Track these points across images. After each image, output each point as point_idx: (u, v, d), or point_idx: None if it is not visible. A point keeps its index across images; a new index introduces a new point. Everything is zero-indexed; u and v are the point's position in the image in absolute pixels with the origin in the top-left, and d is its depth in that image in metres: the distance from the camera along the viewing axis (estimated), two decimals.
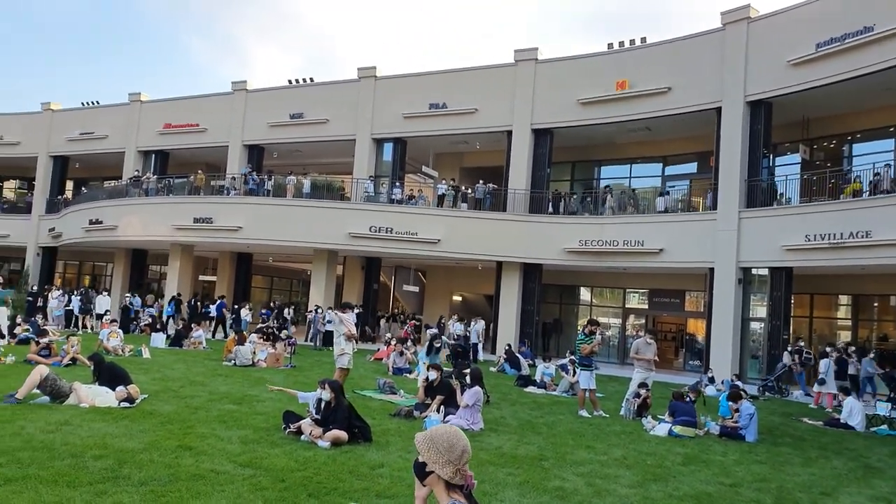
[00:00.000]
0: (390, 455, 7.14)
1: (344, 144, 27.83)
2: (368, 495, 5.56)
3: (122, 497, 4.94)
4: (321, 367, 15.70)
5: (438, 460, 2.59)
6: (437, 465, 2.59)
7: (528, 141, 24.51)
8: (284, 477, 5.87)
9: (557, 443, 8.73)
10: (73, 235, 30.50)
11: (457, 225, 24.03)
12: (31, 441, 6.42)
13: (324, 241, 24.91)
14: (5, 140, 36.14)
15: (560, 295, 28.59)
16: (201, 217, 25.79)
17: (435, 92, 26.07)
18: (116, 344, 16.10)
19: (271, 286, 39.74)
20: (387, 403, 11.03)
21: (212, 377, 12.82)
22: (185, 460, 6.18)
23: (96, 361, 10.01)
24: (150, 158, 32.65)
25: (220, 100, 30.72)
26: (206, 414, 8.75)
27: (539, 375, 15.56)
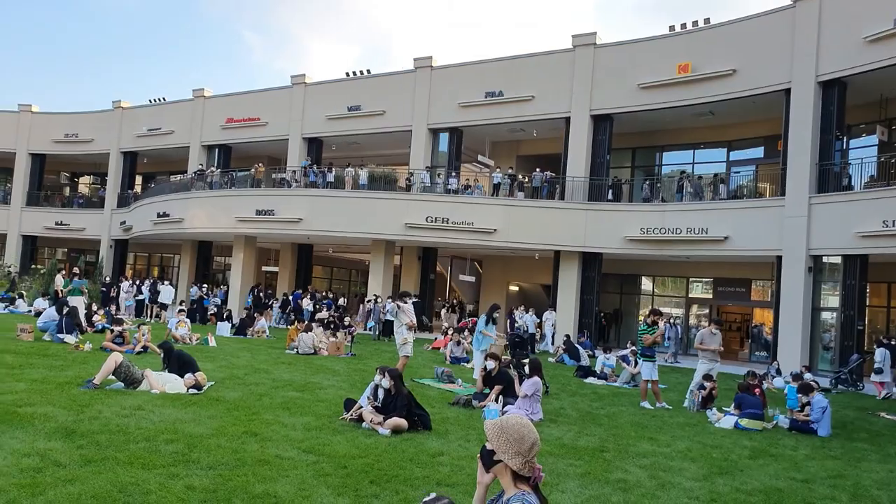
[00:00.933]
0: (450, 443, 7.16)
1: (400, 135, 27.99)
2: (429, 483, 5.58)
3: (193, 480, 5.11)
4: (380, 356, 15.89)
5: (508, 450, 2.58)
6: (505, 455, 2.58)
7: (587, 127, 24.09)
8: (346, 463, 5.96)
9: (619, 434, 8.59)
10: (143, 228, 31.72)
11: (513, 214, 23.85)
12: (108, 424, 6.71)
13: (381, 232, 25.15)
14: (80, 137, 37.86)
15: (620, 284, 28.11)
16: (263, 209, 26.41)
17: (491, 80, 25.90)
18: (184, 333, 16.67)
19: (331, 276, 40.43)
20: (445, 392, 11.08)
21: (275, 365, 13.14)
22: (250, 446, 6.34)
23: (166, 349, 10.38)
24: (213, 152, 33.63)
25: (279, 94, 31.32)
26: (270, 401, 8.97)
27: (599, 366, 15.35)
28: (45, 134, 38.42)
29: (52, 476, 4.92)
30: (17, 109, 38.98)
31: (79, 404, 7.58)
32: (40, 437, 6.00)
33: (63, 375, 9.61)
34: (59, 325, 14.56)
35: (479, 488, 2.77)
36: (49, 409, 7.22)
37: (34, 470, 5.04)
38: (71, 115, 38.99)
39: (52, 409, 7.19)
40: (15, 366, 10.19)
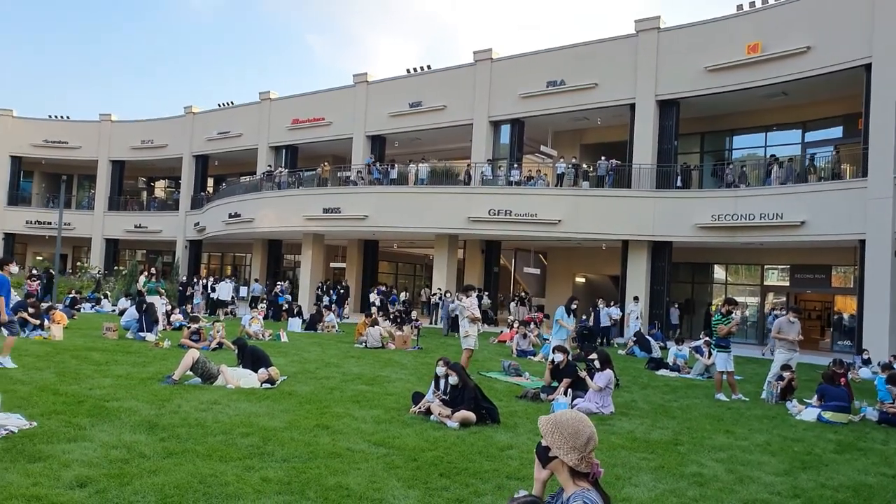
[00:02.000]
0: (519, 437, 7.11)
1: (461, 129, 27.99)
2: (499, 476, 5.55)
3: (268, 472, 5.24)
4: (446, 349, 15.94)
5: (563, 446, 2.51)
6: (561, 450, 2.51)
7: (653, 113, 23.48)
8: (416, 456, 6.00)
9: (693, 427, 8.34)
10: (216, 229, 32.85)
11: (578, 204, 23.49)
12: (186, 418, 6.97)
13: (444, 226, 25.23)
14: (155, 143, 39.56)
15: (692, 273, 27.33)
16: (330, 207, 26.92)
17: (552, 69, 25.56)
18: (257, 329, 17.18)
19: (396, 271, 40.88)
20: (513, 385, 11.02)
21: (345, 359, 13.37)
22: (322, 439, 6.46)
23: (240, 345, 10.70)
24: (280, 153, 34.51)
25: (342, 93, 31.82)
26: (341, 394, 9.12)
27: (672, 358, 14.93)
28: (124, 141, 40.32)
29: (138, 467, 5.14)
30: (99, 119, 41.02)
31: (160, 399, 7.91)
32: (126, 430, 6.28)
33: (145, 371, 10.05)
34: (140, 324, 15.25)
35: (537, 484, 2.72)
36: (133, 403, 7.56)
37: (121, 461, 5.28)
38: (146, 122, 40.77)
39: (136, 404, 7.53)
40: (101, 362, 10.73)
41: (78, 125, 41.33)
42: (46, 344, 12.73)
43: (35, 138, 40.39)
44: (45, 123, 41.29)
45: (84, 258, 41.81)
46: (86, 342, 13.44)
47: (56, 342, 13.07)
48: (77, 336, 14.39)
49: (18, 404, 6.93)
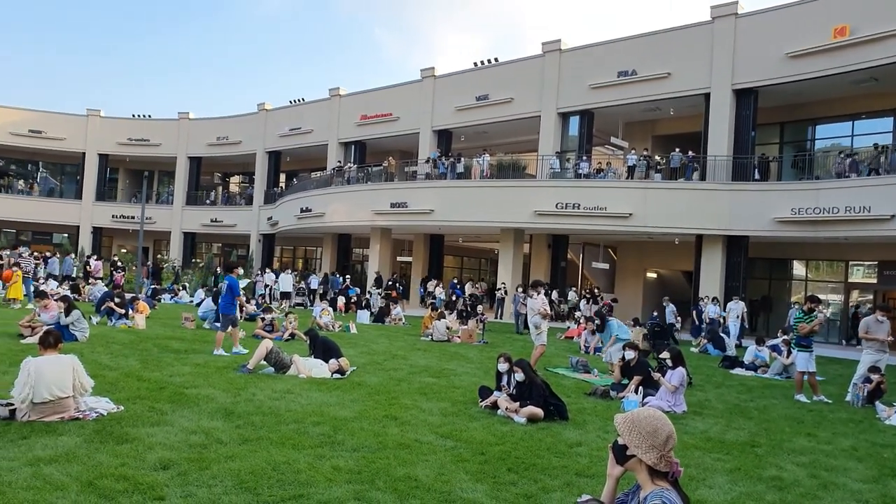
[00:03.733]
0: (588, 434, 7.00)
1: (529, 122, 27.73)
2: (567, 473, 5.48)
3: (339, 461, 5.34)
4: (512, 344, 15.87)
5: (641, 445, 2.45)
6: (639, 449, 2.46)
7: (729, 103, 22.62)
8: (484, 450, 5.99)
9: (771, 429, 8.01)
10: (288, 223, 33.72)
11: (650, 197, 22.88)
12: (261, 407, 7.19)
13: (510, 220, 25.06)
14: (230, 140, 40.91)
15: (769, 269, 26.26)
16: (397, 202, 27.18)
17: (623, 59, 24.97)
18: (328, 320, 17.57)
19: (461, 265, 40.95)
20: (581, 382, 10.86)
21: (411, 351, 13.51)
22: (391, 429, 6.54)
23: (311, 336, 10.95)
24: (349, 149, 35.08)
25: (410, 88, 32.04)
26: (408, 386, 9.22)
27: (750, 357, 14.36)
28: (201, 138, 41.87)
29: (216, 452, 5.33)
30: (177, 117, 42.74)
31: (235, 387, 8.18)
32: (204, 417, 6.53)
33: (221, 360, 10.42)
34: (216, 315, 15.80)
35: (609, 481, 2.67)
36: (210, 391, 7.85)
37: (200, 446, 5.49)
38: (221, 119, 42.18)
39: (213, 392, 7.81)
40: (181, 351, 11.19)
41: (158, 123, 43.19)
42: (131, 332, 13.38)
43: (120, 137, 42.45)
44: (128, 122, 43.32)
45: (164, 251, 43.70)
46: (166, 331, 14.05)
47: (139, 331, 13.72)
48: (158, 325, 15.07)
49: (107, 389, 7.31)
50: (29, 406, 5.84)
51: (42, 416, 5.85)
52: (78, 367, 6.18)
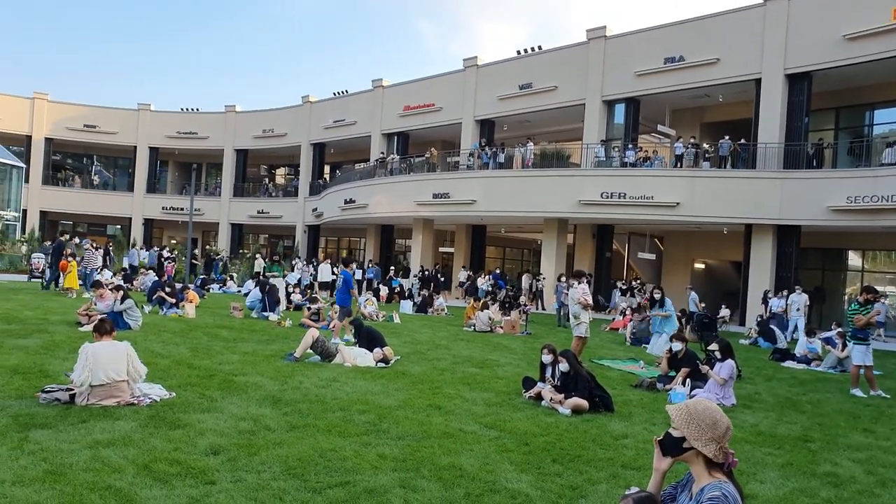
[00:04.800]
0: (634, 426, 6.91)
1: (573, 110, 27.40)
2: (613, 465, 5.42)
3: (384, 449, 5.39)
4: (555, 335, 15.76)
5: (701, 437, 2.41)
6: (699, 441, 2.41)
7: (781, 88, 21.92)
8: (528, 441, 5.96)
9: (825, 423, 7.77)
10: (332, 214, 34.11)
11: (698, 186, 22.37)
12: (307, 394, 7.30)
13: (554, 210, 24.83)
14: (275, 132, 41.54)
15: (822, 260, 25.46)
16: (439, 193, 27.21)
17: (670, 45, 24.42)
18: (372, 310, 17.74)
19: (503, 256, 40.80)
20: (627, 374, 10.72)
21: (454, 341, 13.53)
22: (435, 419, 6.57)
23: (356, 326, 11.08)
24: (392, 140, 35.25)
25: (452, 78, 31.97)
26: (452, 376, 9.24)
27: (802, 350, 13.95)
28: (247, 131, 42.62)
29: (264, 439, 5.44)
30: (224, 110, 43.58)
31: (283, 375, 8.32)
32: (253, 404, 6.67)
33: (269, 349, 10.62)
34: (263, 304, 16.13)
35: (656, 475, 2.63)
36: (258, 378, 8.01)
37: (249, 433, 5.61)
38: (267, 112, 42.85)
39: (261, 379, 7.97)
40: (229, 340, 11.44)
41: (206, 116, 44.11)
42: (181, 321, 13.73)
43: (169, 130, 43.53)
44: (177, 116, 44.37)
45: (212, 242, 44.71)
46: (215, 320, 14.38)
47: (189, 320, 14.07)
48: (207, 315, 15.43)
49: (160, 376, 7.52)
50: (87, 389, 6.06)
51: (99, 399, 6.06)
52: (132, 354, 6.39)
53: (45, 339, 9.79)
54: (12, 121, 41.26)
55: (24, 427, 5.29)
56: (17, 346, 9.03)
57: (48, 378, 7.13)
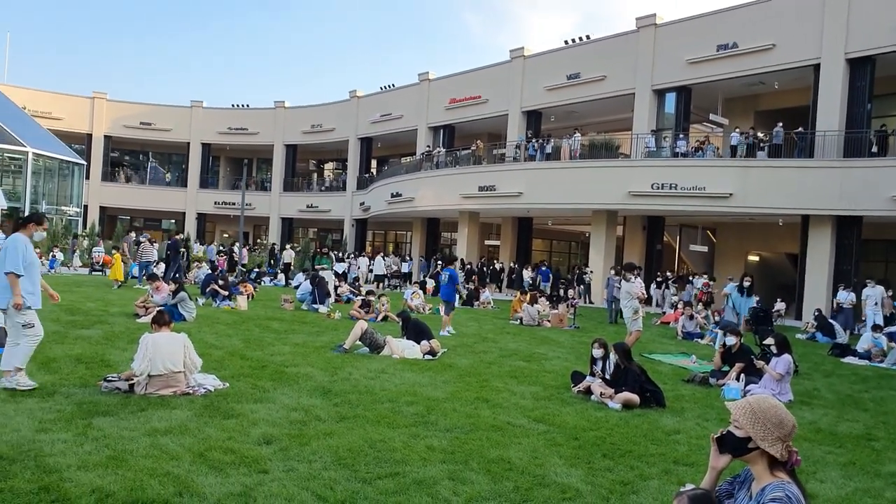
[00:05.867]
0: (686, 422, 6.76)
1: (622, 100, 26.91)
2: (665, 461, 5.32)
3: (433, 441, 5.41)
4: (604, 329, 15.56)
5: (767, 437, 2.33)
6: (765, 441, 2.33)
7: (842, 73, 21.05)
8: (577, 435, 5.90)
9: (890, 422, 7.47)
10: (379, 208, 34.37)
11: (752, 176, 21.69)
12: (357, 385, 7.38)
13: (602, 202, 24.44)
14: (323, 127, 42.06)
15: (886, 252, 24.44)
16: (485, 185, 27.11)
17: (723, 32, 23.72)
18: (419, 303, 17.83)
19: (550, 249, 40.46)
20: (679, 369, 10.51)
21: (501, 335, 13.50)
22: (483, 411, 6.56)
23: (404, 318, 11.16)
24: (438, 133, 35.28)
25: (498, 70, 31.77)
26: (499, 369, 9.22)
27: (866, 344, 13.38)
28: (296, 126, 43.27)
29: (315, 429, 5.52)
30: (274, 106, 44.32)
31: (332, 366, 8.44)
32: (304, 394, 6.78)
33: (319, 340, 10.78)
34: (313, 297, 16.38)
35: (712, 473, 2.55)
36: (309, 369, 8.14)
37: (300, 423, 5.70)
38: (315, 107, 43.39)
39: (312, 370, 8.09)
40: (281, 331, 11.66)
41: (256, 112, 44.94)
42: (234, 313, 14.05)
43: (221, 126, 44.53)
44: (228, 112, 45.33)
45: (263, 236, 45.62)
46: (266, 312, 14.67)
47: (242, 312, 14.38)
48: (259, 307, 15.75)
49: (214, 367, 7.71)
50: (146, 378, 6.25)
51: (157, 389, 6.25)
52: (188, 345, 6.57)
53: (106, 330, 10.15)
54: (74, 120, 42.85)
55: (88, 414, 5.49)
56: (81, 337, 9.38)
57: (109, 367, 7.39)
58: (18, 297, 6.07)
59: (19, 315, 6.14)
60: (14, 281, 6.06)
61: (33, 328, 6.23)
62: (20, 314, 6.14)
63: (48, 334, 9.01)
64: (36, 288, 6.32)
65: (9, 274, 6.06)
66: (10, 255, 6.08)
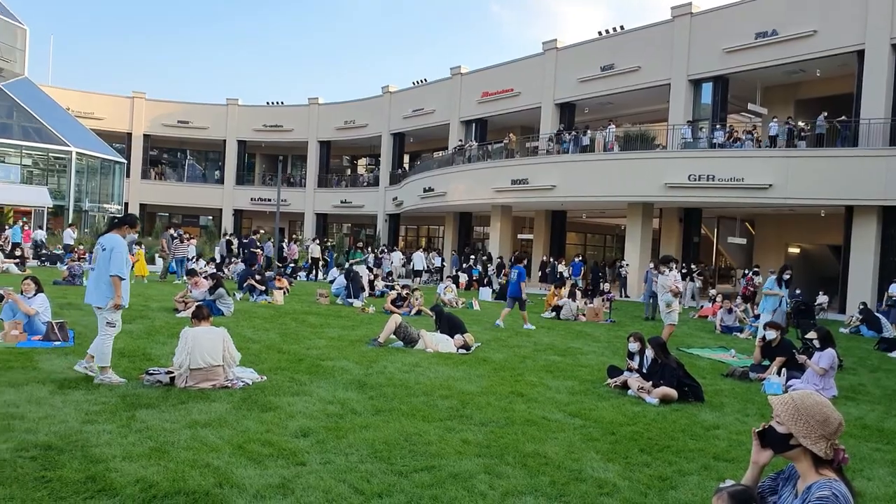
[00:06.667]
0: (726, 417, 6.64)
1: (657, 91, 26.50)
2: (705, 456, 5.24)
3: (468, 435, 5.41)
4: (640, 324, 15.37)
5: (810, 434, 2.26)
6: (807, 439, 2.26)
7: (888, 59, 20.39)
8: (614, 430, 5.84)
9: None
10: (412, 203, 34.46)
11: (793, 166, 21.17)
12: (392, 379, 7.42)
13: (638, 194, 24.11)
14: (356, 124, 42.31)
15: None
16: (518, 178, 26.96)
17: (762, 19, 23.16)
18: (451, 297, 17.84)
19: (585, 242, 40.13)
20: (717, 363, 10.33)
21: (535, 329, 13.42)
22: (517, 406, 6.54)
23: (437, 312, 11.18)
24: (470, 127, 35.20)
25: (531, 62, 31.54)
26: (533, 363, 9.17)
27: None
28: (329, 122, 43.63)
29: (351, 422, 5.56)
30: (307, 103, 44.73)
31: (367, 360, 8.50)
32: (339, 388, 6.84)
33: (353, 334, 10.86)
34: (348, 291, 16.51)
35: (754, 468, 2.49)
36: (344, 363, 8.21)
37: (337, 416, 5.75)
38: (348, 103, 43.68)
39: (347, 364, 8.16)
40: (316, 325, 11.78)
41: (290, 109, 45.41)
42: (270, 308, 14.24)
43: (256, 123, 45.14)
44: (263, 109, 45.89)
45: (298, 231, 46.14)
46: (302, 307, 14.84)
47: (278, 306, 14.57)
48: (295, 301, 15.94)
49: (252, 360, 7.83)
50: (186, 371, 6.38)
51: (196, 382, 6.37)
52: (227, 339, 6.68)
53: (147, 325, 10.37)
54: (114, 119, 43.86)
55: (131, 406, 5.63)
56: (123, 331, 9.54)
57: (150, 361, 7.56)
58: (120, 298, 6.39)
59: (110, 314, 6.45)
60: (118, 283, 6.36)
61: (114, 328, 6.53)
62: (112, 314, 6.46)
63: (92, 328, 9.25)
64: (126, 288, 6.60)
65: (114, 276, 6.35)
66: (115, 257, 6.38)
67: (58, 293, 13.48)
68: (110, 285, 6.40)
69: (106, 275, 6.42)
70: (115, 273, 6.36)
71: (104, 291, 6.44)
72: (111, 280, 6.38)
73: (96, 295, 6.47)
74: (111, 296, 6.41)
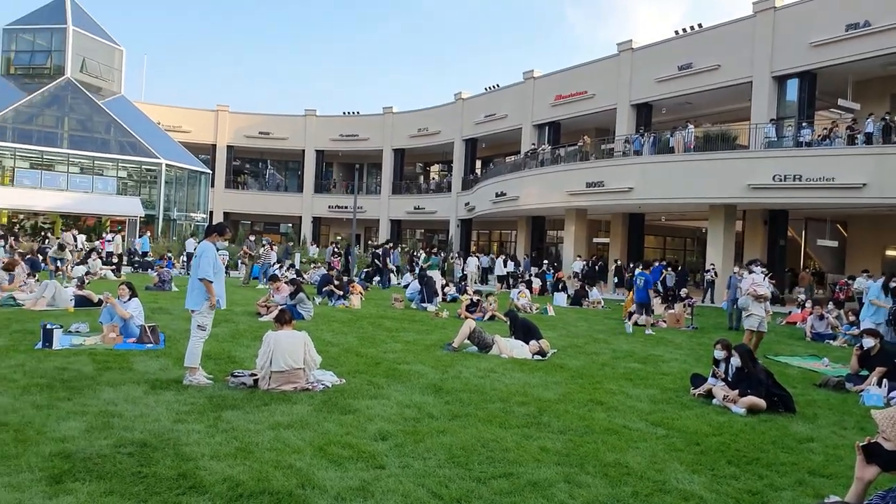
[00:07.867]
0: (820, 429, 6.29)
1: (738, 89, 25.51)
2: (799, 471, 4.97)
3: (546, 442, 5.33)
4: (724, 332, 14.78)
5: None
6: None
7: None
8: (699, 440, 5.63)
9: None
10: (484, 208, 34.44)
11: (888, 164, 19.86)
12: (467, 384, 7.41)
13: (720, 196, 23.24)
14: (429, 131, 42.72)
15: None
16: (593, 181, 26.49)
17: (852, 9, 21.93)
18: (525, 302, 17.69)
19: (664, 246, 39.00)
20: (809, 372, 9.81)
21: (613, 335, 13.12)
22: (597, 414, 6.40)
23: (511, 317, 11.10)
24: (543, 131, 34.89)
25: (605, 64, 31.01)
26: (612, 371, 8.96)
27: None
28: (404, 131, 44.25)
29: (428, 426, 5.58)
30: (382, 112, 45.52)
31: (443, 364, 8.52)
32: (416, 392, 6.88)
33: (428, 339, 10.93)
34: (422, 296, 16.64)
35: (859, 484, 2.33)
36: (420, 367, 8.26)
37: (414, 420, 5.79)
38: (421, 111, 44.17)
39: (423, 368, 8.21)
40: (392, 329, 11.92)
41: (366, 119, 46.33)
42: (348, 312, 14.52)
43: (333, 133, 46.30)
44: (339, 119, 47.01)
45: (373, 237, 46.95)
46: (378, 311, 15.06)
47: (355, 311, 14.84)
48: (371, 306, 16.20)
49: (331, 364, 8.00)
50: (268, 374, 6.58)
51: (278, 384, 6.55)
52: (308, 343, 6.85)
53: (231, 329, 10.77)
54: (200, 132, 45.94)
55: (218, 407, 5.84)
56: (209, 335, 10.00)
57: (235, 363, 7.83)
58: (213, 297, 6.82)
59: (202, 317, 6.86)
60: (208, 285, 6.79)
61: (204, 331, 6.93)
62: (204, 316, 6.86)
63: (180, 332, 9.69)
64: (222, 291, 7.02)
65: (202, 280, 6.78)
66: (203, 262, 6.83)
67: (149, 298, 14.18)
68: (201, 289, 6.81)
69: (195, 279, 6.86)
70: (201, 276, 6.78)
71: (196, 296, 6.86)
72: (201, 284, 6.79)
73: (189, 298, 6.94)
74: (202, 299, 6.81)
